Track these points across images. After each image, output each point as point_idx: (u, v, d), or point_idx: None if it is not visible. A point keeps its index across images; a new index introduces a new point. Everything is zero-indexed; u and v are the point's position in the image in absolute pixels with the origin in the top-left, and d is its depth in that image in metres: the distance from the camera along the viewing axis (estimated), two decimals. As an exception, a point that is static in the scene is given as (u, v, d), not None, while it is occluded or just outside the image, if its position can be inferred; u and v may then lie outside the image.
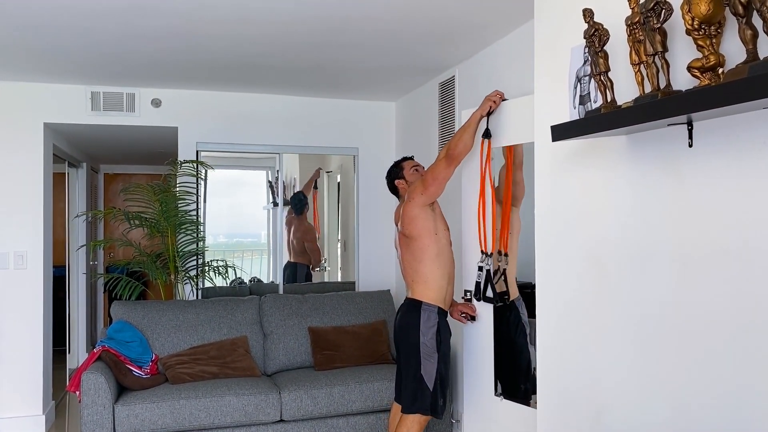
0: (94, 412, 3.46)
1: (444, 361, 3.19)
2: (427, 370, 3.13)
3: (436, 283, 3.20)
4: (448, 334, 3.26)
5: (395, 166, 3.51)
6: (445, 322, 3.24)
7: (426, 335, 3.14)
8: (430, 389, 3.13)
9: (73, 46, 3.65)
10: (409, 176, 3.41)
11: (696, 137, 1.77)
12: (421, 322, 3.15)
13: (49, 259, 4.75)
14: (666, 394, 1.85)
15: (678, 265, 1.81)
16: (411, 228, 3.21)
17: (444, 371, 3.19)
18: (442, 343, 3.18)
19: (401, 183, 3.43)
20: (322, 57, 3.92)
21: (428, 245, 3.20)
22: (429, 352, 3.13)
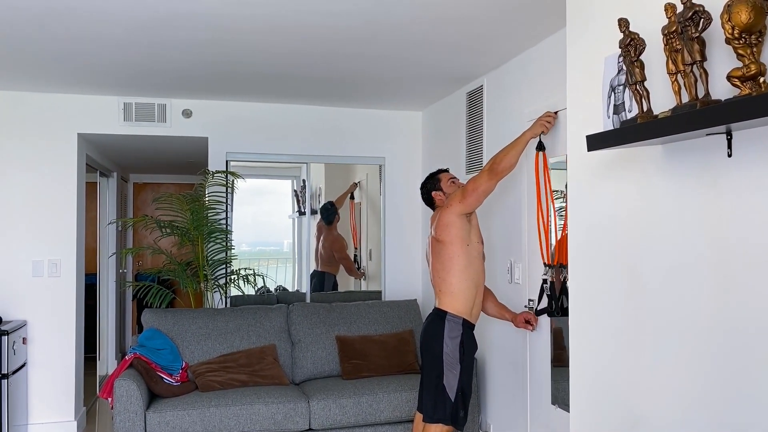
0: (126, 418, 3.51)
1: (466, 373, 3.17)
2: (449, 381, 3.12)
3: (463, 295, 3.19)
4: (472, 346, 3.24)
5: (431, 178, 3.53)
6: (471, 335, 3.22)
7: (449, 346, 3.13)
8: (451, 400, 3.13)
9: (107, 58, 3.73)
10: (447, 188, 3.44)
11: (735, 147, 1.74)
12: (445, 332, 3.15)
13: (81, 268, 4.84)
14: (705, 407, 1.83)
15: (717, 275, 1.79)
16: (444, 234, 3.22)
17: (466, 383, 3.17)
18: (466, 354, 3.16)
19: (438, 195, 3.45)
20: (349, 67, 3.96)
21: (458, 254, 3.19)
22: (452, 363, 3.13)
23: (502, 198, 3.87)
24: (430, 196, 3.48)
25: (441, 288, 3.23)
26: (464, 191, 3.20)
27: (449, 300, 3.19)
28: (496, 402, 3.97)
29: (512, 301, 3.73)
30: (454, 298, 3.18)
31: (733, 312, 1.74)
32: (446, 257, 3.21)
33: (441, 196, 3.43)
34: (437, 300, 3.27)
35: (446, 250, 3.21)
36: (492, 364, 4.01)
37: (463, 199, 3.18)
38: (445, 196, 3.41)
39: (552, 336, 3.32)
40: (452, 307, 3.18)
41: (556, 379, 3.28)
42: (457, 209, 3.20)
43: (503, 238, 3.86)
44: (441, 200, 3.42)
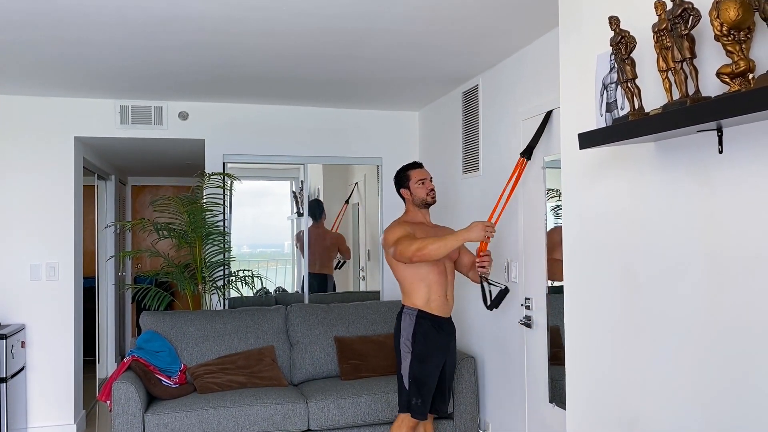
0: (124, 421, 3.51)
1: (419, 362, 3.22)
2: (404, 369, 3.24)
3: (414, 292, 3.28)
4: (430, 337, 3.25)
5: (402, 173, 3.48)
6: (427, 326, 3.25)
7: (403, 336, 3.25)
8: (405, 387, 3.23)
9: (103, 61, 3.74)
10: (414, 188, 3.40)
11: (726, 143, 1.75)
12: (402, 324, 3.28)
13: (79, 271, 4.85)
14: (701, 404, 1.83)
15: (711, 272, 1.79)
16: (388, 258, 3.35)
17: (419, 373, 3.22)
18: (417, 344, 3.22)
19: (406, 193, 3.44)
20: (345, 68, 3.96)
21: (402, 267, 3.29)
22: (405, 352, 3.24)
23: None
24: (399, 191, 3.49)
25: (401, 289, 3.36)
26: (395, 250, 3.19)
27: (405, 296, 3.33)
28: (495, 400, 3.97)
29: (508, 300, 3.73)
30: (407, 294, 3.31)
31: (726, 309, 1.74)
32: (394, 266, 3.34)
33: (408, 195, 3.43)
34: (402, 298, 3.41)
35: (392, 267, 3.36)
36: (490, 363, 4.02)
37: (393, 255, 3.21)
38: (411, 195, 3.41)
39: (549, 334, 3.32)
40: (408, 301, 3.31)
41: (553, 378, 3.29)
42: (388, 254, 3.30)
43: (499, 238, 3.87)
44: (408, 199, 3.44)
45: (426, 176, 3.43)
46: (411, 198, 3.42)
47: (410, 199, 3.43)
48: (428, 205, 3.43)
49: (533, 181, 3.50)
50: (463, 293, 4.40)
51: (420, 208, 3.43)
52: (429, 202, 3.42)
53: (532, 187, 3.52)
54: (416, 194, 3.40)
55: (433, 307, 3.29)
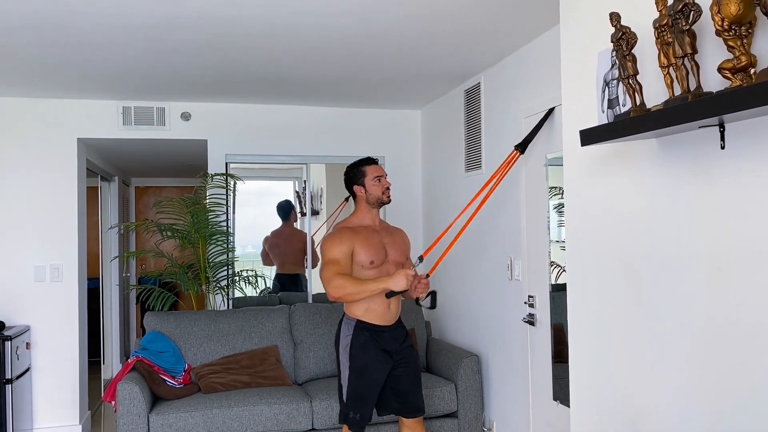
0: (129, 421, 3.52)
1: (356, 375, 3.04)
2: (343, 380, 3.09)
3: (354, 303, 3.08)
4: (367, 351, 3.05)
5: (356, 168, 3.21)
6: (365, 338, 3.05)
7: (341, 345, 3.10)
8: (343, 400, 3.09)
9: (105, 62, 3.75)
10: (370, 186, 3.16)
11: (728, 139, 1.74)
12: (341, 333, 3.12)
13: (83, 272, 4.86)
14: (705, 400, 1.82)
15: (712, 269, 1.79)
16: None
17: (357, 387, 3.04)
18: (353, 358, 3.04)
19: (359, 191, 3.18)
20: (346, 67, 3.96)
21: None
22: (343, 363, 3.08)
23: (501, 196, 3.87)
24: (352, 188, 3.21)
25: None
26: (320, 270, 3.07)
27: (345, 305, 3.15)
28: (499, 399, 3.97)
29: (512, 299, 3.74)
30: (347, 305, 3.12)
31: (729, 305, 1.74)
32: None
33: (362, 192, 3.17)
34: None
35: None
36: (494, 361, 4.01)
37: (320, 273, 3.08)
38: (366, 194, 3.16)
39: (552, 332, 3.32)
40: (347, 309, 3.13)
41: (557, 376, 3.28)
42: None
43: (502, 235, 3.86)
44: (361, 197, 3.18)
45: (382, 173, 3.20)
46: (365, 196, 3.17)
47: (363, 197, 3.17)
48: (383, 204, 3.20)
49: (535, 178, 3.50)
50: (463, 292, 4.40)
51: (372, 208, 3.19)
52: (384, 202, 3.19)
53: (534, 184, 3.51)
54: (372, 192, 3.15)
55: (372, 316, 3.07)
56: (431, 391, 3.96)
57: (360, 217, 3.19)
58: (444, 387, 4.00)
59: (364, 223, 3.17)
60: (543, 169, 3.41)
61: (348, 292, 2.95)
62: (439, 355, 4.34)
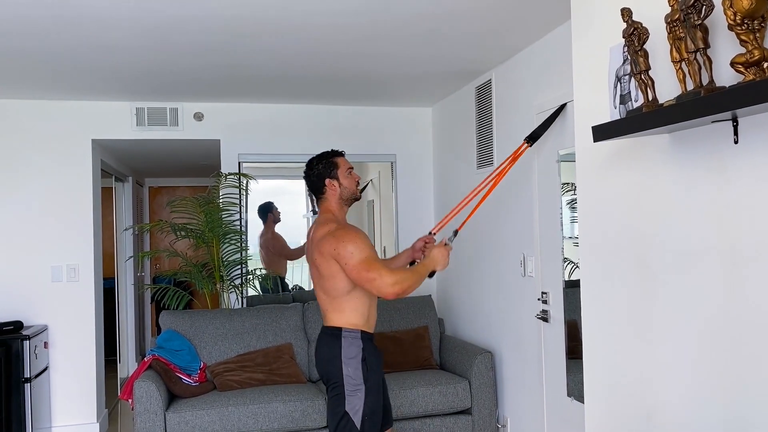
0: (146, 419, 3.56)
1: (375, 393, 2.70)
2: (351, 406, 2.65)
3: (354, 309, 2.73)
4: (376, 360, 2.77)
5: (327, 160, 2.86)
6: (372, 347, 2.77)
7: (348, 367, 2.67)
8: (357, 427, 2.65)
9: (118, 64, 3.79)
10: (344, 179, 2.85)
11: (741, 133, 1.74)
12: (342, 351, 2.68)
13: (99, 272, 4.91)
14: (719, 395, 1.82)
15: (727, 264, 1.78)
16: (325, 268, 2.72)
17: (375, 405, 2.70)
18: (370, 373, 2.70)
19: (332, 185, 2.83)
20: (357, 65, 3.97)
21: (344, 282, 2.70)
22: (353, 386, 2.66)
23: (514, 192, 3.87)
24: (323, 182, 2.84)
25: (327, 307, 2.78)
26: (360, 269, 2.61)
27: (337, 314, 2.73)
28: (513, 395, 3.97)
29: (525, 295, 3.74)
30: (342, 312, 2.73)
31: (743, 300, 1.73)
32: (329, 282, 2.73)
33: (335, 187, 2.83)
34: (325, 318, 2.81)
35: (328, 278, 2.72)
36: (508, 357, 4.02)
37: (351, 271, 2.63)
38: (340, 188, 2.83)
39: (566, 328, 3.31)
40: (344, 320, 2.72)
41: (571, 372, 3.28)
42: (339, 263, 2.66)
43: (515, 232, 3.86)
44: (333, 193, 2.83)
45: (352, 165, 2.92)
46: (338, 192, 2.83)
47: (337, 193, 2.83)
48: (356, 200, 2.91)
49: (548, 174, 3.49)
50: (476, 288, 4.40)
51: (344, 205, 2.88)
52: (358, 197, 2.91)
53: (546, 180, 3.51)
54: (347, 187, 2.85)
55: (371, 324, 2.80)
56: (445, 388, 3.97)
57: (339, 216, 2.85)
58: (458, 384, 4.01)
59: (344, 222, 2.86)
60: (555, 165, 3.40)
61: (409, 285, 2.65)
62: (453, 352, 4.35)
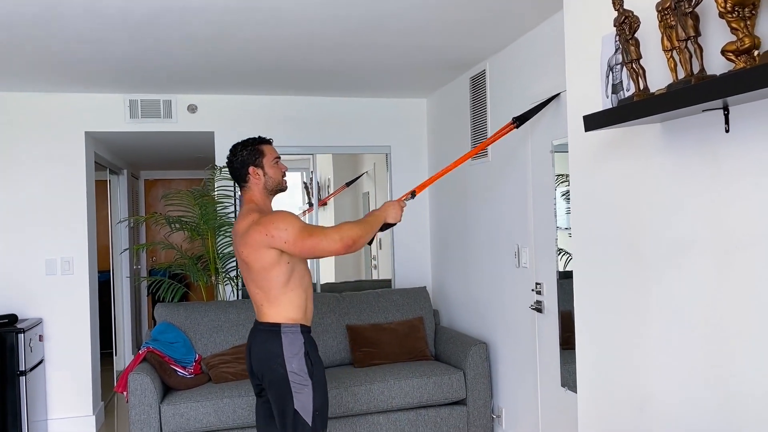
0: (141, 411, 3.56)
1: (321, 388, 2.62)
2: (300, 403, 2.55)
3: (290, 301, 2.61)
4: (317, 354, 2.68)
5: (252, 147, 2.72)
6: (312, 341, 2.66)
7: (291, 364, 2.55)
8: (309, 424, 2.56)
9: (110, 55, 3.76)
10: (269, 168, 2.71)
11: (732, 122, 1.73)
12: (284, 349, 2.56)
13: (94, 265, 4.90)
14: (711, 384, 1.82)
15: (719, 252, 1.78)
16: (254, 259, 2.58)
17: (323, 399, 2.62)
18: (316, 366, 2.61)
19: (256, 174, 2.69)
20: (352, 56, 3.95)
21: (277, 273, 2.58)
22: (299, 383, 2.55)
23: (508, 182, 3.86)
24: (246, 170, 2.69)
25: (262, 301, 2.64)
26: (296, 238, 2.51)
27: (276, 310, 2.60)
28: (507, 386, 3.98)
29: (519, 286, 3.74)
30: (279, 305, 2.60)
31: (734, 288, 1.73)
32: (262, 276, 2.60)
33: (259, 176, 2.69)
34: (259, 313, 2.67)
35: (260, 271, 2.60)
36: (502, 348, 4.02)
37: (294, 246, 2.51)
38: (264, 177, 2.70)
39: (560, 319, 3.32)
40: (281, 315, 2.59)
41: (565, 362, 3.29)
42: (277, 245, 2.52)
43: (509, 223, 3.86)
44: (257, 182, 2.70)
45: (279, 155, 2.79)
46: (262, 181, 2.70)
47: (261, 182, 2.69)
48: (281, 191, 2.77)
49: (542, 165, 3.49)
50: (471, 279, 4.40)
51: (269, 195, 2.74)
52: (284, 188, 2.77)
53: (540, 171, 3.50)
54: (272, 176, 2.71)
55: (309, 316, 2.68)
56: (440, 379, 3.98)
57: (266, 206, 2.72)
58: (453, 375, 4.01)
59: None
60: (549, 155, 3.39)
61: (358, 235, 2.56)
62: (448, 343, 4.35)
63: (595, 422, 2.38)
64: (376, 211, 2.77)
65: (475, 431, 4.02)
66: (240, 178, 2.73)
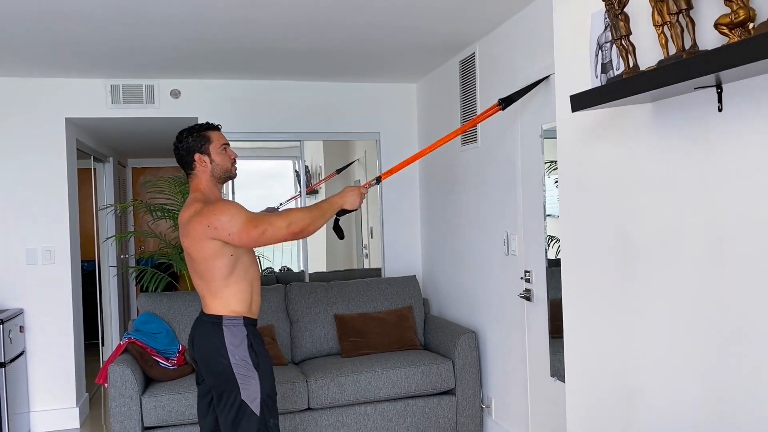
0: (121, 403, 3.48)
1: (268, 378, 2.54)
2: (247, 395, 2.48)
3: (235, 294, 2.53)
4: (262, 344, 2.59)
5: (199, 134, 2.60)
6: (256, 333, 2.59)
7: (235, 357, 2.48)
8: (257, 414, 2.49)
9: (91, 38, 3.64)
10: (216, 155, 2.59)
11: (726, 101, 1.65)
12: (227, 341, 2.49)
13: (76, 254, 4.80)
14: (700, 376, 1.75)
15: (710, 235, 1.70)
16: (197, 251, 2.49)
17: (270, 387, 2.55)
18: (261, 357, 2.53)
19: (202, 161, 2.57)
20: (340, 37, 3.84)
21: (220, 266, 2.49)
22: (244, 375, 2.48)
23: (497, 167, 3.77)
24: (192, 157, 2.57)
25: (204, 293, 2.56)
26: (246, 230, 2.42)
27: (219, 302, 2.52)
28: (497, 375, 3.91)
29: (508, 274, 3.66)
30: (222, 298, 2.52)
31: (727, 277, 1.65)
32: (203, 267, 2.51)
33: (205, 163, 2.57)
34: (204, 304, 2.59)
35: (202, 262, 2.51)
36: (492, 337, 3.95)
37: (239, 238, 2.43)
38: (212, 164, 2.58)
39: (549, 307, 3.24)
40: (224, 308, 2.52)
41: (554, 351, 3.21)
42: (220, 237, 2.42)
43: (498, 209, 3.78)
44: (204, 169, 2.58)
45: (228, 142, 2.67)
46: (209, 168, 2.57)
47: (207, 170, 2.57)
48: (230, 179, 2.67)
49: (531, 151, 3.39)
50: (460, 267, 4.32)
51: (218, 183, 2.63)
52: (233, 176, 2.66)
53: (530, 157, 3.41)
54: (220, 163, 2.59)
55: (255, 309, 2.61)
56: (428, 369, 3.91)
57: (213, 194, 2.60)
58: (441, 364, 3.94)
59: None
60: (539, 140, 3.30)
61: (309, 221, 2.50)
62: (437, 332, 4.28)
63: (584, 413, 2.31)
64: (334, 196, 2.69)
65: (464, 421, 3.96)
66: (186, 165, 2.61)
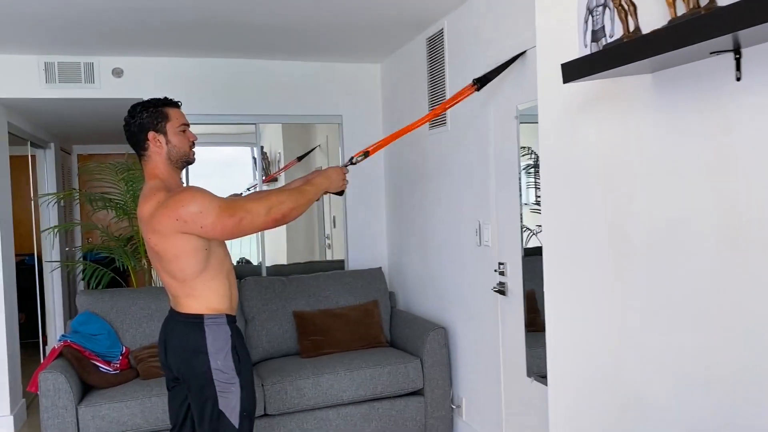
0: (55, 414, 3.13)
1: (249, 385, 2.30)
2: (226, 405, 2.23)
3: (213, 290, 2.26)
4: (244, 346, 2.35)
5: (155, 109, 2.28)
6: (239, 332, 2.34)
7: (218, 358, 2.23)
8: (235, 426, 2.25)
9: (21, 9, 3.24)
10: (173, 136, 2.27)
11: (745, 69, 1.40)
12: (207, 342, 2.22)
13: (9, 247, 4.38)
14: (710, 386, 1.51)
15: (722, 227, 1.46)
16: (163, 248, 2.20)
17: (251, 400, 2.31)
18: (243, 362, 2.28)
19: (158, 140, 2.25)
20: (297, 11, 3.52)
21: (192, 262, 2.21)
22: (224, 382, 2.23)
23: (468, 156, 3.52)
24: (144, 135, 2.25)
25: (177, 292, 2.28)
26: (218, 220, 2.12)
27: (196, 300, 2.25)
28: (468, 374, 3.67)
29: (481, 266, 3.42)
30: (202, 296, 2.25)
31: (743, 274, 1.41)
32: (174, 264, 2.22)
33: (160, 144, 2.25)
34: (177, 303, 2.30)
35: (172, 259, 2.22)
36: (463, 333, 3.71)
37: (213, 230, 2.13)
38: (167, 146, 2.26)
39: (525, 299, 3.00)
40: (206, 305, 2.25)
41: (530, 347, 2.98)
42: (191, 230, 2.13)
43: (470, 197, 3.52)
44: (158, 151, 2.25)
45: (188, 122, 2.35)
46: (164, 150, 2.26)
47: (163, 152, 2.26)
48: (188, 164, 2.35)
49: (506, 134, 3.14)
50: (429, 259, 4.07)
51: (175, 167, 2.30)
52: (190, 161, 2.34)
53: (504, 141, 3.16)
54: (177, 145, 2.27)
55: (234, 305, 2.35)
56: (395, 368, 3.65)
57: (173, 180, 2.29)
58: (409, 363, 3.69)
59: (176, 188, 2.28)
60: (514, 122, 3.05)
61: (291, 206, 2.22)
62: (404, 328, 4.02)
63: (566, 416, 2.08)
64: (318, 177, 2.43)
65: (434, 423, 3.72)
66: (137, 144, 2.27)
